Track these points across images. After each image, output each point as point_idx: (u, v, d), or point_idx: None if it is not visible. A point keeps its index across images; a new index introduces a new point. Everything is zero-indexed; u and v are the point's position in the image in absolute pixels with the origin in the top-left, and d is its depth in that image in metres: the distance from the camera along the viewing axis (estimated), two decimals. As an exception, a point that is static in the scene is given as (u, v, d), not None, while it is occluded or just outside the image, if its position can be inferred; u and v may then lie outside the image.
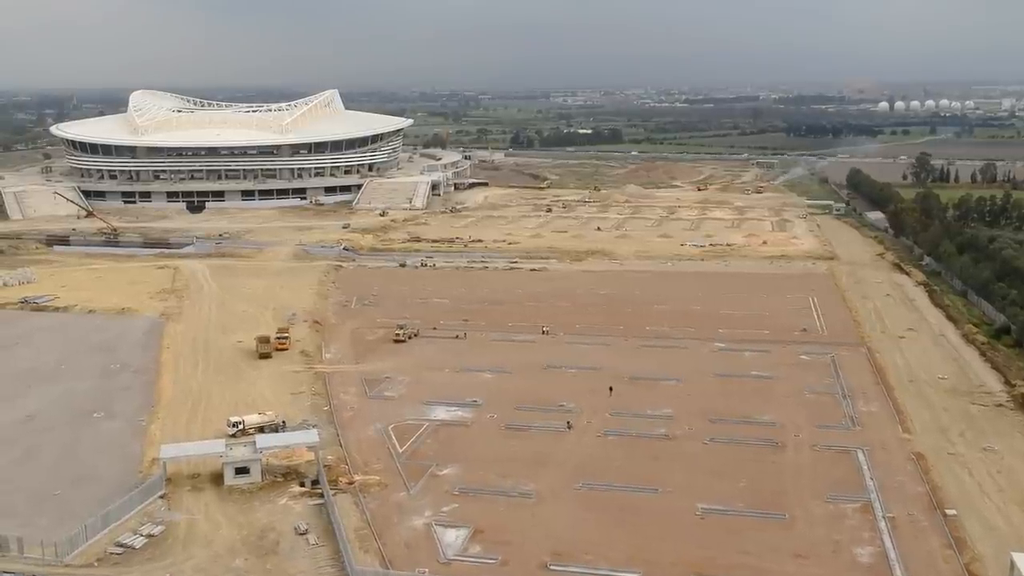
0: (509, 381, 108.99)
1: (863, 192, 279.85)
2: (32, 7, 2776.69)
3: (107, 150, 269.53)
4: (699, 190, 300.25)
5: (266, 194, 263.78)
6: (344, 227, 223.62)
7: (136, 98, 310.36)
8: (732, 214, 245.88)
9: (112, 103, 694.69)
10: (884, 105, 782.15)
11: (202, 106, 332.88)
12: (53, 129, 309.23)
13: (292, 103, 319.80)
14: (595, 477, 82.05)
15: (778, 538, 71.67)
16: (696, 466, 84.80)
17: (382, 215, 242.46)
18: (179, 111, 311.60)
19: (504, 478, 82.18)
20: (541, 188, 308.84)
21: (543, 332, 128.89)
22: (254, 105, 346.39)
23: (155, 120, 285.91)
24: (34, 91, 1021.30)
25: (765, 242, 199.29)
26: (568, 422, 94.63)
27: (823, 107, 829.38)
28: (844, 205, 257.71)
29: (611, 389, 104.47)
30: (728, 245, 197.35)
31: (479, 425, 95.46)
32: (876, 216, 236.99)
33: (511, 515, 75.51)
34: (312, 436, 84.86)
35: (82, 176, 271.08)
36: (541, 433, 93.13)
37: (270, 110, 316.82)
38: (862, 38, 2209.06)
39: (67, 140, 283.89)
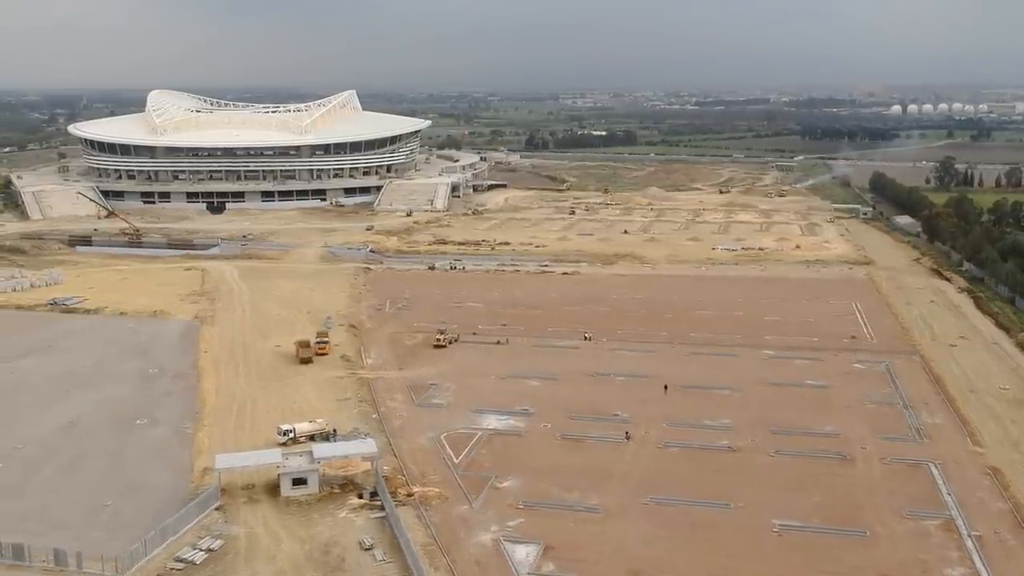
0: (557, 389, 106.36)
1: (888, 196, 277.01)
2: (38, 9, 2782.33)
3: (126, 150, 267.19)
4: (721, 193, 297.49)
5: (285, 195, 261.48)
6: (368, 229, 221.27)
7: (154, 98, 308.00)
8: (758, 217, 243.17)
9: (121, 103, 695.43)
10: (896, 109, 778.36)
11: (219, 106, 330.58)
12: (71, 128, 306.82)
13: (310, 104, 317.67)
14: (662, 491, 79.34)
15: (862, 557, 68.89)
16: (765, 480, 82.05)
17: (408, 215, 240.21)
18: (197, 111, 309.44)
19: (568, 491, 79.49)
20: (561, 190, 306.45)
21: (585, 338, 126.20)
22: (271, 105, 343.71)
23: (174, 120, 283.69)
24: (42, 91, 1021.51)
25: (798, 246, 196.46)
26: (627, 433, 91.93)
27: (834, 110, 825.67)
28: (871, 209, 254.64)
29: (666, 388, 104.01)
30: (760, 249, 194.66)
31: (533, 435, 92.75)
32: (905, 220, 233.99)
33: (580, 531, 72.80)
34: (370, 446, 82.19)
35: (100, 176, 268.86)
36: (598, 444, 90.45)
37: (289, 110, 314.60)
38: (863, 40, 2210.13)
39: (85, 140, 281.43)
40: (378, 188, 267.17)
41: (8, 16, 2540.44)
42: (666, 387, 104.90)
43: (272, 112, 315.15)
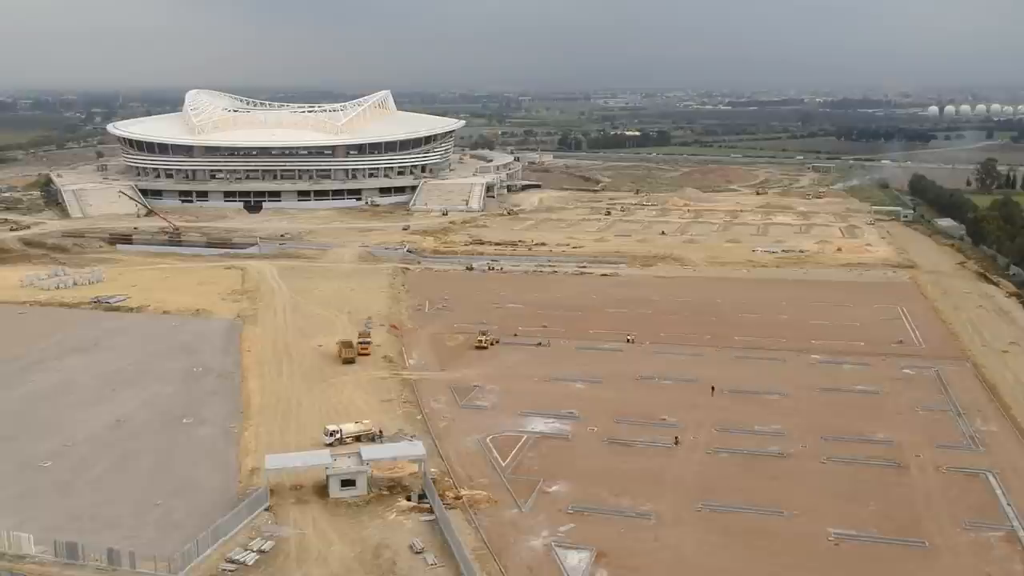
0: (602, 392, 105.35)
1: (928, 198, 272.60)
2: (75, 11, 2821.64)
3: (164, 149, 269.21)
4: (758, 194, 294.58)
5: (321, 195, 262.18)
6: (404, 228, 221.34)
7: (192, 97, 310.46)
8: (797, 219, 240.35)
9: (157, 103, 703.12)
10: (933, 109, 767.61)
11: (256, 106, 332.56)
12: (110, 127, 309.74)
13: (346, 104, 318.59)
14: (715, 497, 78.14)
15: (923, 569, 67.44)
16: (818, 487, 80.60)
17: (444, 214, 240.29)
18: (235, 111, 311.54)
19: (618, 497, 78.54)
20: (596, 191, 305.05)
21: (628, 341, 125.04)
22: (307, 105, 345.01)
23: (211, 119, 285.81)
24: (80, 91, 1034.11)
25: (839, 249, 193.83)
26: (676, 437, 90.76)
27: (870, 111, 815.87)
28: (911, 211, 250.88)
29: (713, 389, 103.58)
30: (801, 252, 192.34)
31: (580, 439, 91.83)
32: (947, 223, 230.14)
33: (632, 537, 71.81)
34: (419, 449, 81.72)
35: (138, 175, 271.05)
36: (647, 448, 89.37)
37: (324, 110, 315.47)
38: (895, 40, 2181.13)
39: (124, 139, 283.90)
40: (413, 188, 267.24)
41: (45, 18, 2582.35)
42: (713, 388, 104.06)
43: (308, 112, 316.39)
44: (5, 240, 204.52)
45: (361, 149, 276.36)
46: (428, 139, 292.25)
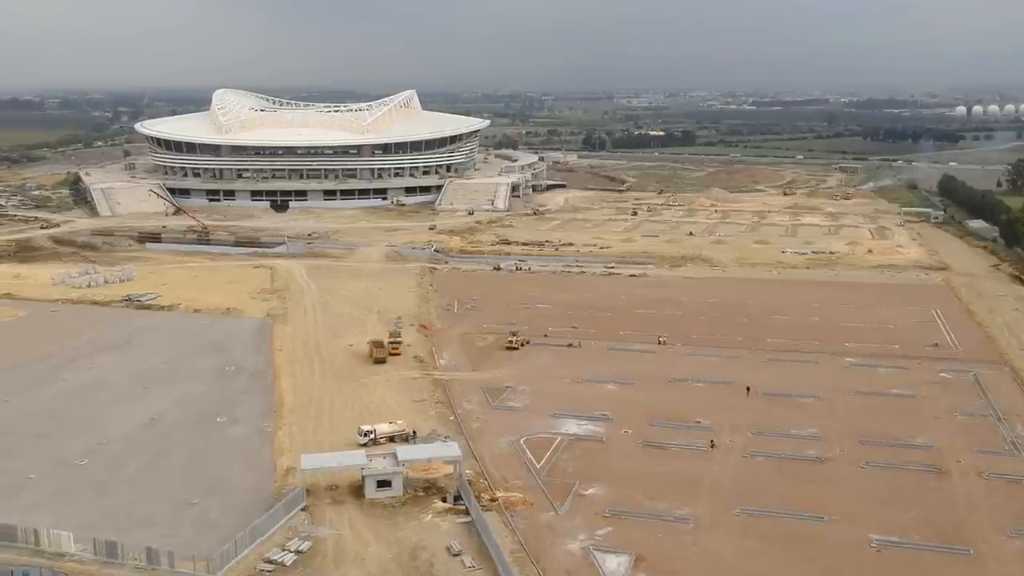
0: (635, 394, 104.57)
1: (959, 199, 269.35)
2: (95, 12, 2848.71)
3: (192, 148, 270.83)
4: (785, 195, 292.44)
5: (347, 194, 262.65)
6: (430, 228, 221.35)
7: (219, 97, 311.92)
8: (826, 220, 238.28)
9: (182, 102, 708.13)
10: (961, 110, 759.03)
11: (282, 105, 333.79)
12: (138, 126, 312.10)
13: (371, 103, 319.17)
14: (753, 502, 77.20)
15: (969, 577, 66.23)
16: (858, 492, 79.48)
17: (470, 214, 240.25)
18: (261, 110, 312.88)
19: (655, 500, 77.78)
20: (621, 191, 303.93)
21: (660, 342, 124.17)
22: (332, 105, 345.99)
23: (239, 119, 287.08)
24: (106, 90, 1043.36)
25: (870, 251, 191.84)
26: (711, 441, 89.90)
27: (897, 111, 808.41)
28: (942, 213, 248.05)
29: (748, 389, 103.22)
30: (831, 253, 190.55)
31: (615, 441, 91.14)
32: (979, 224, 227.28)
33: (671, 542, 71.06)
34: (454, 450, 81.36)
35: (166, 173, 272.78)
36: (682, 451, 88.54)
37: (350, 110, 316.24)
38: (920, 39, 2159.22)
39: (152, 137, 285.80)
40: (438, 187, 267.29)
41: (69, 20, 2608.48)
42: (748, 389, 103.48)
43: (334, 112, 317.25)
44: (35, 238, 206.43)
45: (386, 148, 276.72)
46: (453, 139, 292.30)
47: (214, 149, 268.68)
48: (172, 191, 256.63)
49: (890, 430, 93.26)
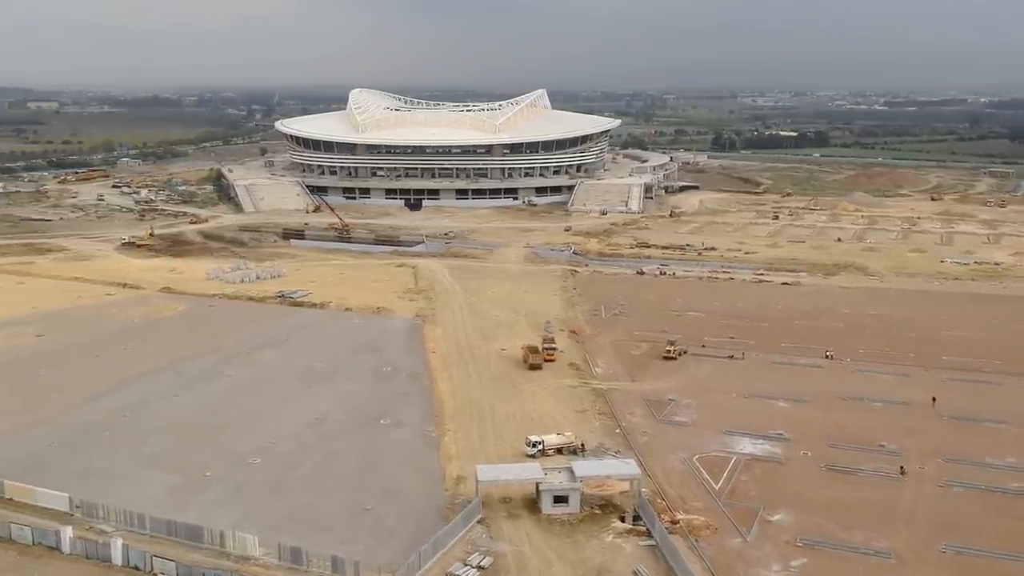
0: (809, 412, 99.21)
1: None
2: (227, 8, 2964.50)
3: (329, 146, 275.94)
4: (933, 200, 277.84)
5: (479, 193, 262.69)
6: (566, 229, 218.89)
7: (355, 96, 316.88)
8: (982, 228, 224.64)
9: (309, 100, 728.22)
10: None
11: (414, 105, 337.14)
12: (278, 125, 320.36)
13: (502, 103, 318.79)
14: (958, 538, 71.36)
15: None
16: (1078, 534, 72.58)
17: (604, 214, 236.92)
18: (396, 109, 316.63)
19: (848, 531, 72.82)
20: (758, 193, 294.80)
21: (827, 356, 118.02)
22: (463, 104, 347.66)
23: (374, 118, 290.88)
24: (235, 88, 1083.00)
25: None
26: (901, 467, 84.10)
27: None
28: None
29: (934, 400, 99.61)
30: (996, 264, 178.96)
31: (795, 463, 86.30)
32: None
33: (874, 579, 66.20)
34: (632, 467, 78.24)
35: (303, 171, 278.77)
36: (870, 477, 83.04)
37: (482, 109, 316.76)
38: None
39: (291, 136, 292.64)
40: (568, 188, 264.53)
41: (186, 14, 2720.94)
42: (934, 399, 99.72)
43: (465, 111, 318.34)
44: (185, 232, 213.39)
45: (515, 148, 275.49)
46: (584, 139, 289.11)
47: (350, 148, 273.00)
48: (310, 188, 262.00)
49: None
